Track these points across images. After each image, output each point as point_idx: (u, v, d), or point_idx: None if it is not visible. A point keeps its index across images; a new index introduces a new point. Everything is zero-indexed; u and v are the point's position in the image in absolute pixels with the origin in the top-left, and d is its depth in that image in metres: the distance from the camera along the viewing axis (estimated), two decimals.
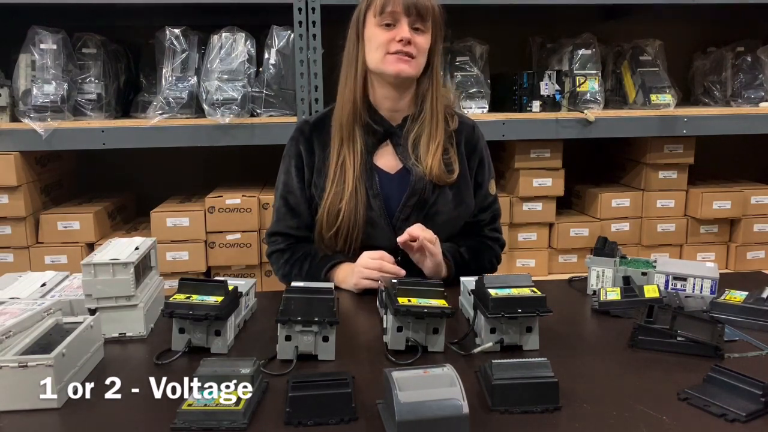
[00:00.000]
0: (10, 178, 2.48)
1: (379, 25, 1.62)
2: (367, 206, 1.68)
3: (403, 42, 1.59)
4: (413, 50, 1.62)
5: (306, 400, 0.98)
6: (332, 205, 1.67)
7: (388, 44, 1.61)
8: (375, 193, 1.69)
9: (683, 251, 2.94)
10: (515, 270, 2.85)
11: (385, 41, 1.61)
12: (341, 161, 1.68)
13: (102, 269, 1.29)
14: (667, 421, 0.98)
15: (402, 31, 1.60)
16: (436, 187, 1.70)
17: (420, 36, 1.62)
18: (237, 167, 3.03)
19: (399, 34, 1.60)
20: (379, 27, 1.62)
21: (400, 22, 1.60)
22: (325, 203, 1.68)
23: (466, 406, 0.90)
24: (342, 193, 1.67)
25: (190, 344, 1.23)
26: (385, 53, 1.62)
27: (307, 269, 1.71)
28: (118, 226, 2.86)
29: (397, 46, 1.60)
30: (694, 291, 1.50)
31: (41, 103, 2.46)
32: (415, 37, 1.61)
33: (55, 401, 1.03)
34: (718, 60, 3.12)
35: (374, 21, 1.62)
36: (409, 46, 1.60)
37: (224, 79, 2.52)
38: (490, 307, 1.20)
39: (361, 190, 1.67)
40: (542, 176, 2.81)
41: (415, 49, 1.62)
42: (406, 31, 1.60)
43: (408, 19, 1.60)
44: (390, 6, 1.59)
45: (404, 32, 1.59)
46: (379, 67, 1.64)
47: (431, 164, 1.68)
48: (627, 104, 2.94)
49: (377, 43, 1.62)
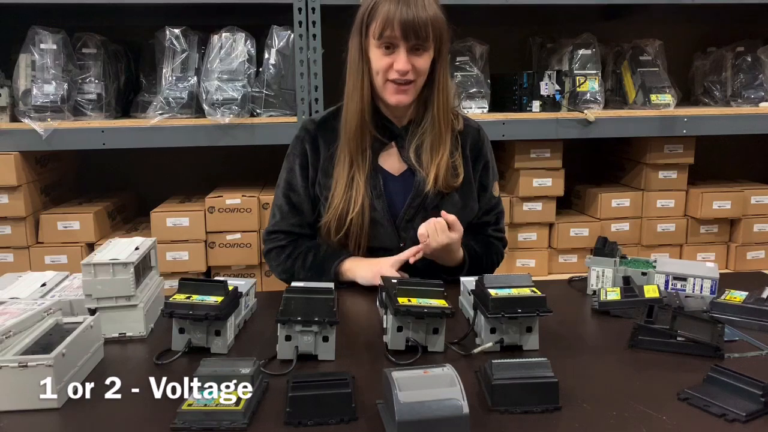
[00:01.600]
0: (10, 178, 2.48)
1: (378, 47, 1.60)
2: (371, 207, 1.68)
3: (401, 72, 1.58)
4: (412, 76, 1.60)
5: (306, 400, 0.98)
6: (341, 213, 1.67)
7: (386, 71, 1.60)
8: (378, 193, 1.69)
9: (683, 251, 2.94)
10: (515, 270, 2.84)
11: (384, 67, 1.60)
12: (351, 173, 1.67)
13: (102, 269, 1.29)
14: (667, 421, 0.98)
15: (400, 61, 1.57)
16: (441, 191, 1.70)
17: (420, 57, 1.60)
18: (237, 167, 3.04)
19: (397, 64, 1.58)
20: (379, 49, 1.60)
21: (399, 47, 1.58)
22: (335, 212, 1.67)
23: (466, 406, 0.90)
24: (350, 202, 1.66)
25: (190, 344, 1.23)
26: (386, 80, 1.61)
27: (312, 261, 1.71)
28: (118, 226, 2.86)
29: (395, 75, 1.59)
30: (694, 291, 1.50)
31: (41, 103, 2.46)
32: (415, 60, 1.59)
33: (55, 401, 1.03)
34: (718, 60, 3.12)
35: (375, 42, 1.60)
36: (407, 74, 1.59)
37: (224, 79, 2.53)
38: (490, 307, 1.20)
39: (366, 193, 1.67)
40: (542, 176, 2.81)
41: (415, 73, 1.60)
42: (404, 61, 1.57)
43: (406, 44, 1.57)
44: (388, 31, 1.56)
45: (401, 63, 1.57)
46: (381, 94, 1.65)
47: (436, 173, 1.67)
48: (627, 104, 2.94)
49: (377, 67, 1.61)
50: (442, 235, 1.59)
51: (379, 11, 1.57)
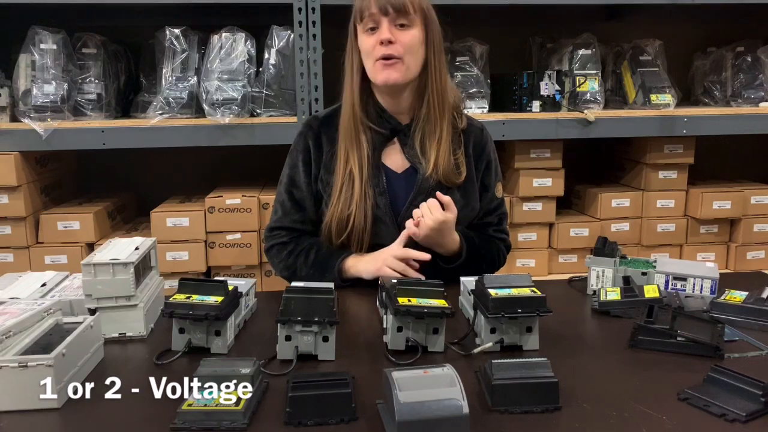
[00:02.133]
0: (10, 178, 2.47)
1: (364, 31, 1.61)
2: (374, 205, 1.68)
3: (384, 44, 1.58)
4: (397, 50, 1.59)
5: (306, 400, 0.98)
6: (342, 213, 1.67)
7: (373, 50, 1.60)
8: (381, 191, 1.69)
9: (683, 251, 2.94)
10: (515, 270, 2.84)
11: (371, 47, 1.60)
12: (348, 170, 1.67)
13: (102, 269, 1.29)
14: (667, 421, 0.98)
15: (382, 32, 1.58)
16: (443, 188, 1.69)
17: (405, 32, 1.59)
18: (237, 167, 3.04)
19: (380, 36, 1.58)
20: (365, 33, 1.61)
21: (381, 23, 1.58)
22: (334, 211, 1.67)
23: (466, 406, 0.90)
24: (350, 201, 1.66)
25: (190, 344, 1.24)
26: (375, 60, 1.61)
27: (314, 258, 1.70)
28: (118, 226, 2.86)
29: (380, 49, 1.58)
30: (694, 291, 1.50)
31: (41, 103, 2.46)
32: (399, 35, 1.59)
33: (55, 401, 1.03)
34: (718, 60, 3.12)
35: (361, 29, 1.62)
36: (391, 45, 1.58)
37: (224, 79, 2.52)
38: (490, 307, 1.20)
39: (368, 190, 1.67)
40: (542, 176, 2.81)
41: (401, 47, 1.59)
42: (386, 31, 1.57)
43: (387, 18, 1.57)
44: (366, 9, 1.58)
45: (384, 33, 1.57)
46: (371, 77, 1.65)
47: (437, 161, 1.67)
48: (627, 104, 2.94)
49: (365, 50, 1.62)
50: (436, 212, 1.59)
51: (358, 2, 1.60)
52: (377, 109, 1.71)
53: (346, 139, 1.68)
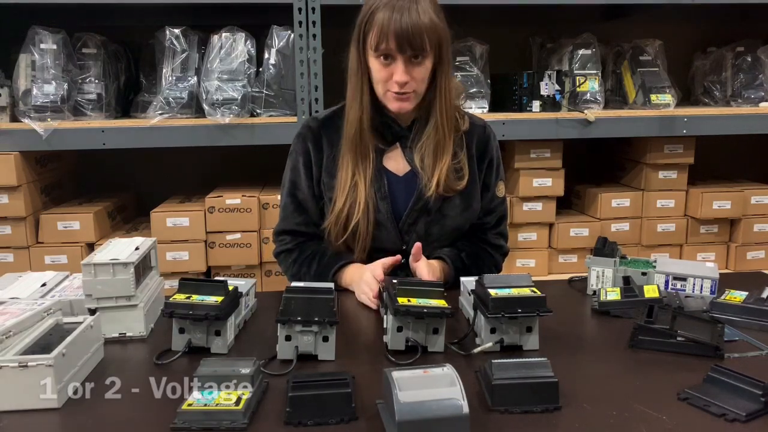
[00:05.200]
0: (10, 178, 2.48)
1: (376, 58, 1.58)
2: (375, 209, 1.67)
3: (399, 84, 1.57)
4: (411, 87, 1.59)
5: (306, 400, 0.98)
6: (344, 218, 1.66)
7: (386, 83, 1.59)
8: (383, 195, 1.68)
9: (683, 251, 2.95)
10: (515, 270, 2.85)
11: (383, 79, 1.59)
12: (351, 175, 1.66)
13: (102, 269, 1.29)
14: (667, 421, 0.98)
15: (398, 73, 1.55)
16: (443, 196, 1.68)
17: (419, 66, 1.58)
18: (237, 167, 3.04)
19: (395, 76, 1.56)
20: (377, 60, 1.58)
21: (396, 58, 1.56)
22: (338, 215, 1.66)
23: (466, 406, 0.90)
24: (352, 206, 1.65)
25: (190, 344, 1.24)
26: (386, 89, 1.60)
27: (315, 269, 1.70)
28: (118, 226, 2.86)
29: (395, 86, 1.57)
30: (694, 291, 1.50)
31: (41, 103, 2.46)
32: (414, 70, 1.57)
33: (55, 401, 1.03)
34: (718, 60, 3.12)
35: (372, 53, 1.58)
36: (406, 85, 1.58)
37: (224, 79, 2.53)
38: (490, 307, 1.20)
39: (371, 196, 1.66)
40: (542, 176, 2.81)
41: (414, 83, 1.59)
42: (401, 73, 1.55)
43: (403, 56, 1.55)
44: (384, 43, 1.54)
45: (399, 75, 1.55)
46: (381, 99, 1.64)
47: (439, 178, 1.65)
48: (627, 104, 2.94)
49: (376, 78, 1.60)
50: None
51: (375, 20, 1.54)
52: (381, 117, 1.69)
53: (351, 148, 1.66)
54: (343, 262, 1.69)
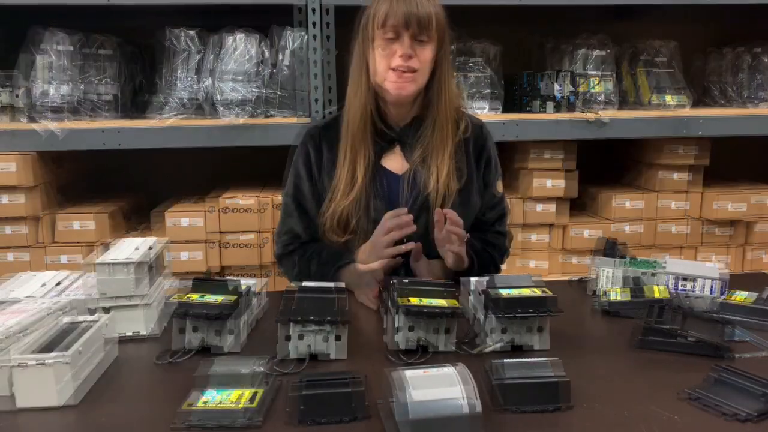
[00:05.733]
0: (27, 178, 2.50)
1: (382, 37, 1.61)
2: (373, 208, 1.68)
3: (404, 57, 1.59)
4: (415, 64, 1.61)
5: (320, 398, 0.99)
6: (341, 215, 1.67)
7: (390, 58, 1.61)
8: (380, 194, 1.69)
9: (697, 253, 2.92)
10: (528, 271, 2.83)
11: (388, 55, 1.61)
12: (350, 173, 1.68)
13: (114, 269, 1.31)
14: (679, 420, 0.98)
15: (403, 45, 1.59)
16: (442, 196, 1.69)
17: (423, 48, 1.61)
18: (245, 168, 3.04)
19: (400, 50, 1.59)
20: (383, 39, 1.61)
21: (402, 35, 1.59)
22: (335, 213, 1.68)
23: (479, 405, 0.91)
24: (349, 204, 1.67)
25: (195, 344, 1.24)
26: (388, 68, 1.61)
27: (315, 269, 1.71)
28: (130, 226, 2.88)
29: (399, 60, 1.59)
30: (703, 292, 1.49)
31: (58, 103, 2.49)
32: (418, 50, 1.60)
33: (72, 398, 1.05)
34: (734, 61, 3.09)
35: (378, 33, 1.61)
36: (411, 60, 1.60)
37: (236, 79, 2.54)
38: (502, 306, 1.21)
39: (368, 194, 1.68)
40: (556, 177, 2.80)
41: (418, 62, 1.61)
42: (407, 46, 1.59)
43: (409, 31, 1.58)
44: (391, 19, 1.57)
45: (405, 47, 1.59)
46: (381, 84, 1.65)
47: (438, 176, 1.67)
48: (641, 105, 2.92)
49: (381, 56, 1.62)
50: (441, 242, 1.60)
51: (380, 8, 1.60)
52: (381, 117, 1.71)
53: (353, 141, 1.68)
54: (342, 261, 1.69)
